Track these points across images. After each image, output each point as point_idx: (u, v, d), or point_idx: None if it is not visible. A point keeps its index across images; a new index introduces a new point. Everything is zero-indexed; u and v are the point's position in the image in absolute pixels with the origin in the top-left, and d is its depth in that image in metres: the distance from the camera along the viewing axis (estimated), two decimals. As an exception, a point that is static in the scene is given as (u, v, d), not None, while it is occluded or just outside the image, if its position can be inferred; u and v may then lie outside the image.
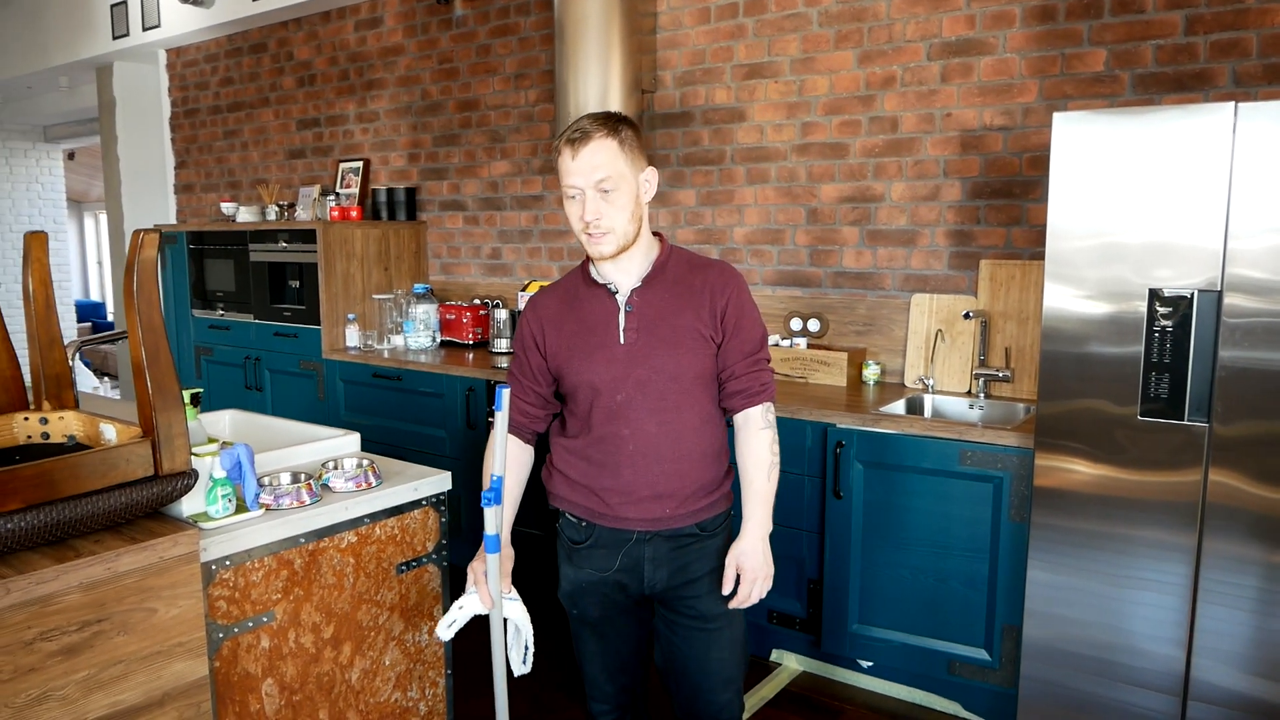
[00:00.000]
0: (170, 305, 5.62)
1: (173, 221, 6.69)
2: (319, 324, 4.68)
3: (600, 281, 1.97)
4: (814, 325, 3.75)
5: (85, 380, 9.17)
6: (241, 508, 1.95)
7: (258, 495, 1.97)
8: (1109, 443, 2.51)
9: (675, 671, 2.08)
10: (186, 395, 1.99)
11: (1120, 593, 2.54)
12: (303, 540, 2.00)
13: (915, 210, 3.56)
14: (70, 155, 11.70)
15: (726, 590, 1.94)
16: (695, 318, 1.94)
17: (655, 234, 2.01)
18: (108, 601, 1.64)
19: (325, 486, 2.15)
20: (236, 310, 5.20)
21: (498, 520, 1.84)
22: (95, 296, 13.29)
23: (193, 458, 1.87)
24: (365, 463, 2.22)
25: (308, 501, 2.04)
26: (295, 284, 4.81)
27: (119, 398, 7.57)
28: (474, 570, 1.93)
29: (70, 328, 9.36)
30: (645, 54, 4.09)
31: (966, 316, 3.34)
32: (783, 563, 2.34)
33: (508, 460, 1.95)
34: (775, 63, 3.82)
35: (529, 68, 4.56)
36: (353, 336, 4.68)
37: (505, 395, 1.77)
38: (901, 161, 3.57)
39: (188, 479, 1.80)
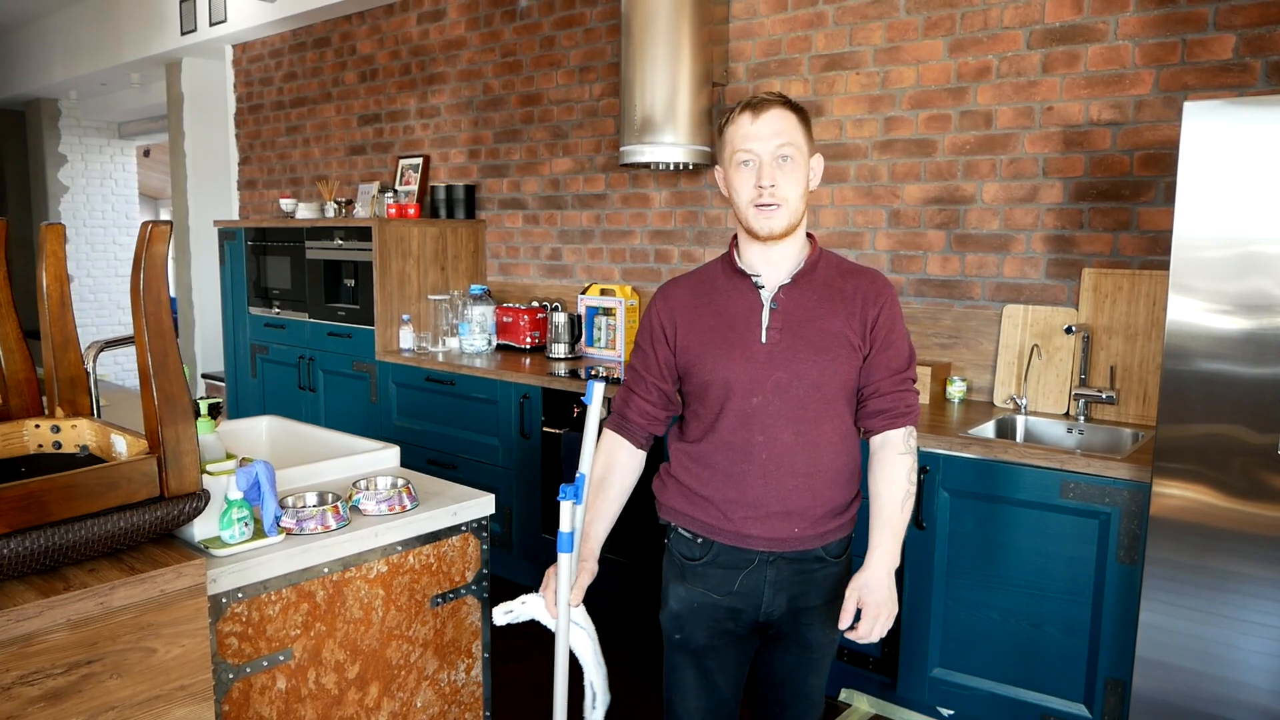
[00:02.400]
0: (229, 302, 5.55)
1: (235, 218, 6.64)
2: (373, 324, 4.53)
3: (746, 272, 1.82)
4: (894, 336, 3.46)
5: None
6: (260, 532, 1.76)
7: (278, 518, 1.78)
8: (1242, 474, 2.19)
9: (765, 693, 1.96)
10: (203, 406, 1.81)
11: (1250, 642, 2.22)
12: (326, 570, 1.80)
13: (1009, 213, 3.25)
14: (146, 153, 11.85)
15: (844, 625, 1.73)
16: (845, 324, 1.79)
17: (808, 234, 1.88)
18: (100, 640, 1.45)
19: (355, 509, 1.95)
20: (292, 308, 5.08)
21: (573, 518, 1.71)
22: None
23: (206, 476, 1.68)
24: (400, 482, 2.02)
25: (334, 526, 1.84)
26: (350, 283, 4.67)
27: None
28: (548, 575, 1.80)
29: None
30: (717, 44, 3.85)
31: (1068, 331, 3.03)
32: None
33: (614, 467, 1.87)
34: (857, 53, 3.54)
35: (594, 60, 4.35)
36: (407, 338, 4.52)
37: (597, 389, 1.66)
38: (995, 160, 3.26)
39: (197, 501, 1.61)
